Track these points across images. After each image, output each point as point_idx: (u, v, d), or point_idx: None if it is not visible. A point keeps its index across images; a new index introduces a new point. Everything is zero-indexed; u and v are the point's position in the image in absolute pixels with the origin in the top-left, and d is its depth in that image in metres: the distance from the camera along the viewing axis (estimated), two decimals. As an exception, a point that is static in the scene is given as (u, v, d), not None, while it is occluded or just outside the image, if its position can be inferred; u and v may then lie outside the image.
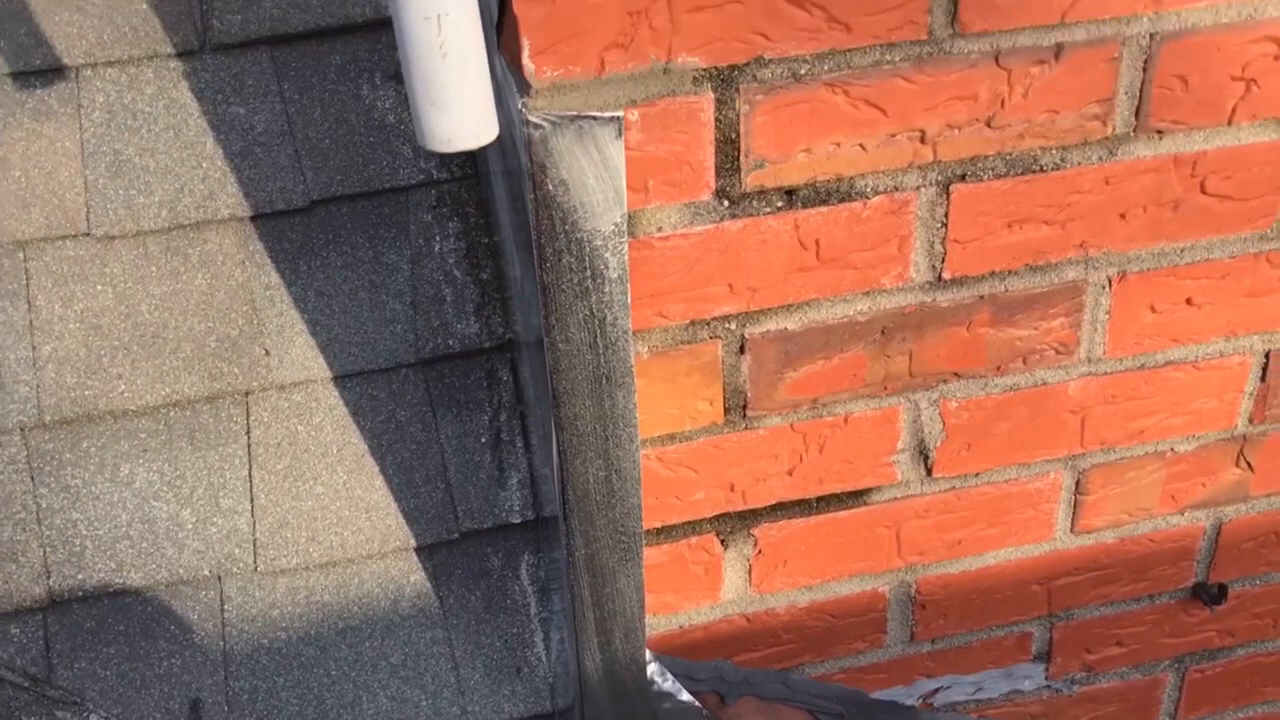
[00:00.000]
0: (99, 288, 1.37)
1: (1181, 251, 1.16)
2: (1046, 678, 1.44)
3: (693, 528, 1.21)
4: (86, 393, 1.34)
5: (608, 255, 1.00)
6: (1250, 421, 1.29)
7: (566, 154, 0.95)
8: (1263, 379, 1.26)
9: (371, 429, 1.40)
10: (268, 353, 1.38)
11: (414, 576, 1.38)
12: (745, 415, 1.16)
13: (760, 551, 1.24)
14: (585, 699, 1.24)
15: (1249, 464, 1.32)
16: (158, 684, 1.32)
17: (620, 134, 0.94)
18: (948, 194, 1.07)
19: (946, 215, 1.08)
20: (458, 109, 0.83)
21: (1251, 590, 1.44)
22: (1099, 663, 1.45)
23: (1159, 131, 1.08)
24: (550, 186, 0.96)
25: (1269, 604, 1.45)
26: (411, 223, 1.43)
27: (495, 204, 1.39)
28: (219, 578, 1.35)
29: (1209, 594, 1.39)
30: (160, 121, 1.40)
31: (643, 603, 1.19)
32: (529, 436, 1.41)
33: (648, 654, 1.25)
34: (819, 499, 1.22)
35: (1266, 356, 1.25)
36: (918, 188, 1.06)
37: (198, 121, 1.41)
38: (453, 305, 1.42)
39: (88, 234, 1.37)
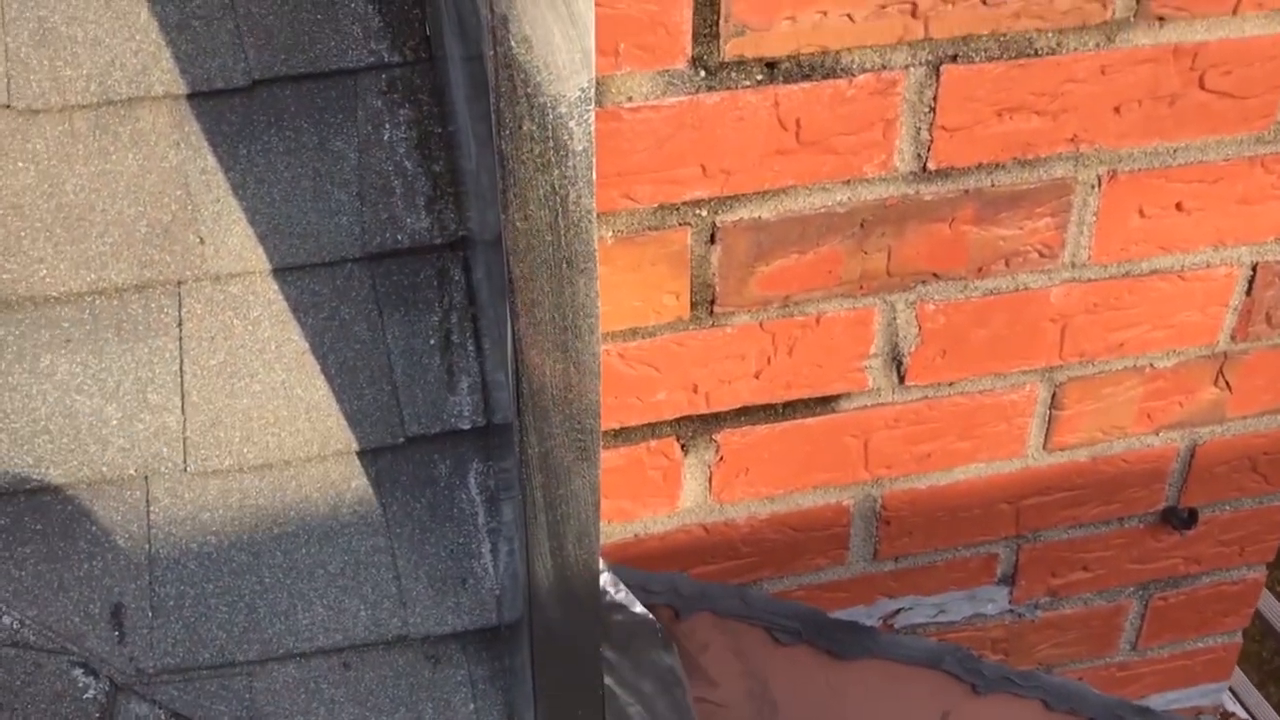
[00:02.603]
0: (20, 164, 1.27)
1: (1175, 152, 1.10)
2: (1010, 602, 1.40)
3: (652, 430, 1.15)
4: (4, 276, 1.25)
5: (572, 124, 0.93)
6: (1232, 338, 1.25)
7: (530, 6, 0.87)
8: (1248, 293, 1.22)
9: (313, 326, 1.31)
10: (202, 241, 1.29)
11: (355, 481, 1.31)
12: (712, 311, 1.09)
13: (722, 458, 1.18)
14: (534, 609, 1.18)
15: (1228, 383, 1.28)
16: (77, 587, 1.24)
17: (591, -14, 0.86)
18: (937, 75, 1.00)
19: (935, 99, 1.01)
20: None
21: (1220, 516, 1.40)
22: (1064, 587, 1.41)
23: (1160, 18, 1.02)
24: (511, 43, 0.88)
25: (1236, 531, 1.42)
26: (360, 108, 1.34)
27: (451, 92, 1.31)
28: (145, 478, 1.26)
29: (1179, 518, 1.36)
30: (89, -12, 1.30)
31: (598, 507, 1.13)
32: (481, 339, 1.34)
33: (601, 563, 1.19)
34: (785, 404, 1.17)
35: (1254, 269, 1.20)
36: (906, 67, 0.99)
37: (130, -10, 1.31)
38: (402, 198, 1.34)
39: (8, 106, 1.27)
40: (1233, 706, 2.82)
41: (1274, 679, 4.18)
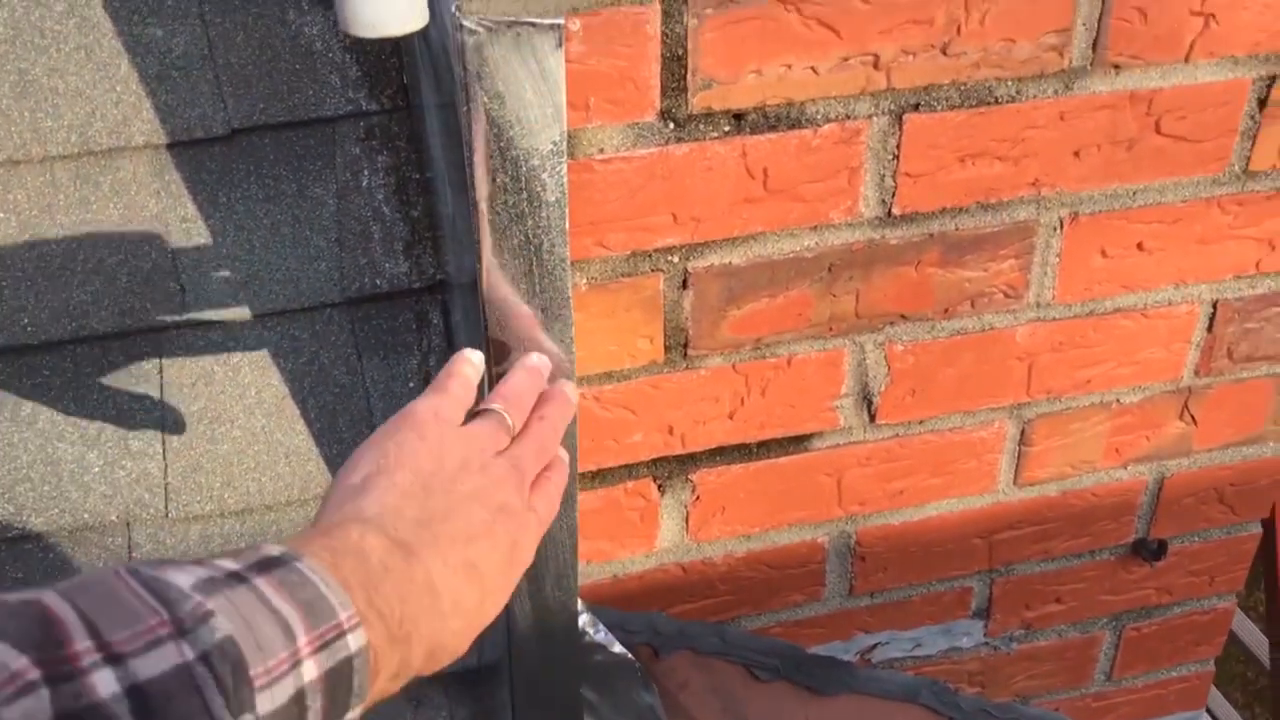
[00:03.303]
0: (1, 215, 1.29)
1: (1134, 194, 1.13)
2: (985, 635, 1.41)
3: (629, 471, 1.16)
4: (-14, 326, 1.26)
5: (545, 176, 0.95)
6: (1196, 373, 1.27)
7: (503, 63, 0.89)
8: (1210, 329, 1.24)
9: (293, 371, 1.33)
10: (183, 288, 1.31)
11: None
12: (686, 354, 1.11)
13: (698, 498, 1.20)
14: (513, 650, 1.19)
15: (1193, 417, 1.31)
16: (59, 634, 1.24)
17: (561, 43, 0.89)
18: (900, 124, 1.03)
19: (899, 147, 1.04)
20: (386, -11, 0.77)
21: (1190, 547, 1.42)
22: (1038, 620, 1.43)
23: (1116, 66, 1.05)
24: (485, 99, 0.90)
25: (1206, 561, 1.45)
26: (338, 155, 1.36)
27: (428, 139, 1.33)
28: (127, 524, 1.27)
29: (1149, 550, 1.38)
30: (71, 41, 1.32)
31: (576, 549, 1.14)
32: (459, 382, 1.35)
33: (580, 603, 1.20)
34: (759, 444, 1.18)
35: (1214, 306, 1.23)
36: (870, 116, 1.02)
37: (111, 43, 1.32)
38: (381, 243, 1.36)
39: (-11, 158, 1.29)
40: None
41: (1259, 699, 4.20)
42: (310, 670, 0.58)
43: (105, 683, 0.51)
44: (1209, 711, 2.59)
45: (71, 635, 0.51)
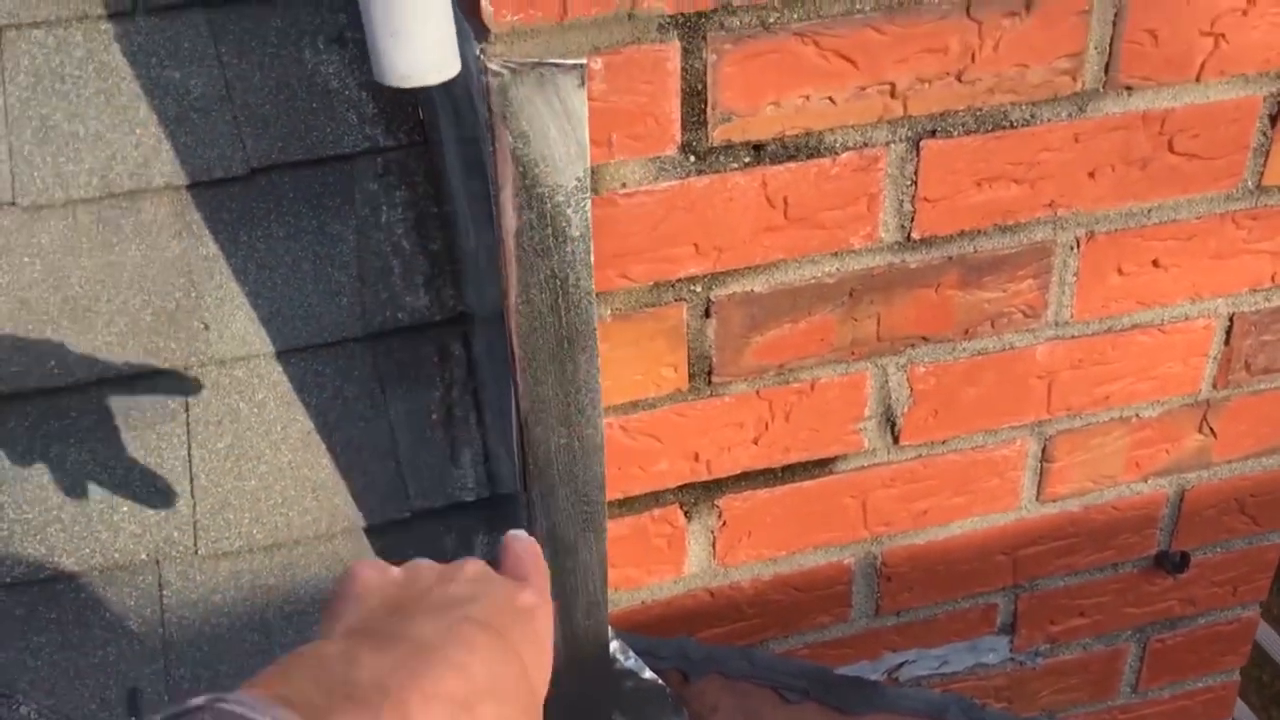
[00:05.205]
0: (26, 260, 1.30)
1: (1149, 212, 1.14)
2: (1011, 650, 1.42)
3: (655, 499, 1.17)
4: (13, 369, 1.27)
5: (570, 212, 0.96)
6: (1214, 386, 1.28)
7: (527, 104, 0.90)
8: (1226, 343, 1.25)
9: (317, 405, 1.34)
10: (207, 327, 1.32)
11: (363, 558, 1.32)
12: (710, 382, 1.12)
13: (724, 523, 1.21)
14: (546, 679, 1.20)
15: (1212, 430, 1.31)
16: (92, 674, 1.25)
17: (583, 83, 0.90)
18: (918, 150, 1.04)
19: (916, 172, 1.05)
20: (419, 39, 0.78)
21: (1212, 558, 1.43)
22: (1063, 634, 1.43)
23: (1128, 87, 1.06)
24: (510, 138, 0.92)
25: (1229, 571, 1.45)
26: (357, 192, 1.37)
27: (447, 173, 1.34)
28: (157, 562, 1.28)
29: (1172, 562, 1.38)
30: (90, 86, 1.33)
31: (605, 578, 1.15)
32: (483, 413, 1.37)
33: (609, 631, 1.21)
34: (784, 468, 1.19)
35: (1230, 320, 1.24)
36: (887, 143, 1.03)
37: (130, 86, 1.34)
38: (401, 277, 1.37)
39: (13, 204, 1.30)
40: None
41: (1276, 703, 4.19)
42: None
43: None
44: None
45: None
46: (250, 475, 1.31)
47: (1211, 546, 1.42)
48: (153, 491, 1.29)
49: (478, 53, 0.89)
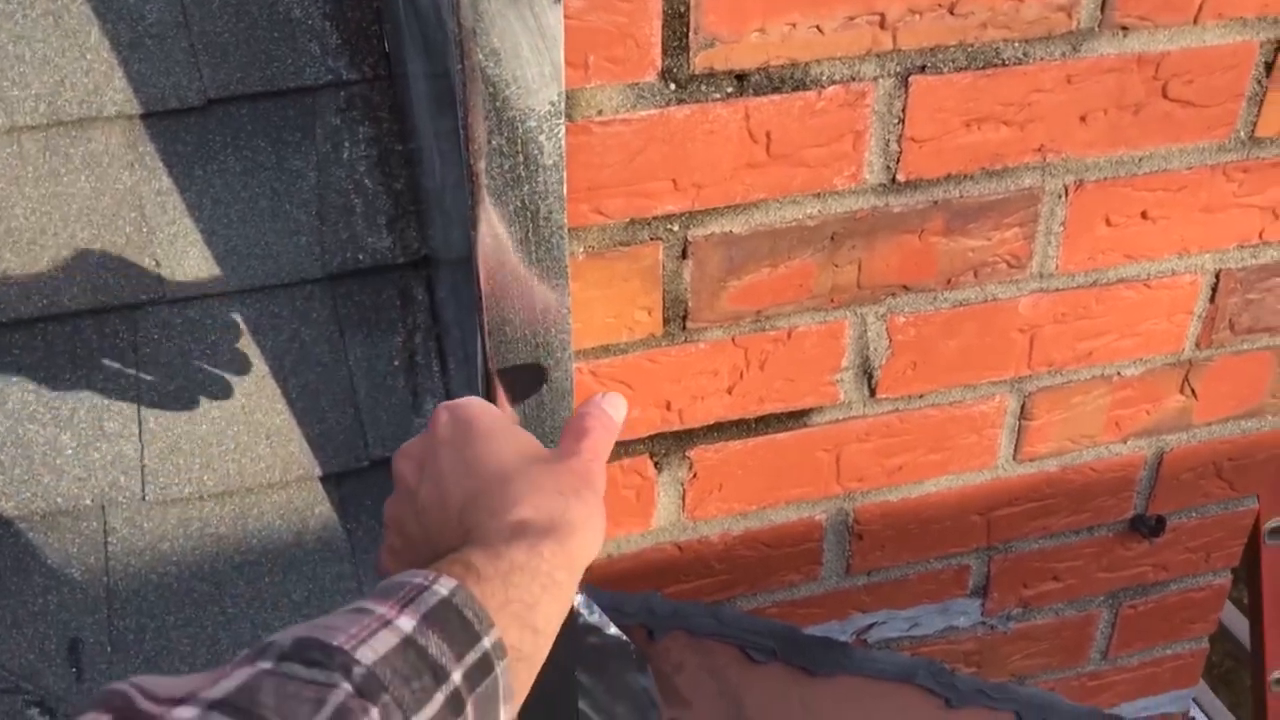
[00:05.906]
0: (-34, 188, 1.23)
1: (1140, 161, 1.11)
2: (982, 614, 1.39)
3: (625, 448, 1.13)
4: (-49, 302, 1.21)
5: (542, 139, 0.91)
6: (1197, 346, 1.25)
7: (499, 18, 0.85)
8: (1212, 300, 1.22)
9: (273, 349, 1.29)
10: (158, 264, 1.26)
11: (319, 507, 1.28)
12: (685, 327, 1.08)
13: (695, 475, 1.17)
14: (507, 633, 1.16)
15: (1193, 390, 1.29)
16: (31, 622, 1.20)
17: (560, -2, 0.85)
18: (906, 86, 1.00)
19: (904, 110, 1.01)
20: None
21: (1187, 523, 1.41)
22: (1035, 598, 1.41)
23: (1124, 28, 1.03)
24: (480, 56, 0.87)
25: (1202, 537, 1.43)
26: (318, 126, 1.32)
27: (412, 109, 1.29)
28: (102, 507, 1.23)
29: (1148, 526, 1.36)
30: (38, 7, 1.27)
31: (571, 528, 1.11)
32: (445, 359, 1.32)
33: (575, 585, 1.17)
34: (758, 419, 1.15)
35: (1217, 276, 1.21)
36: (875, 78, 0.99)
37: (81, 8, 1.27)
38: (363, 217, 1.31)
39: (-47, 128, 1.24)
40: (1193, 712, 2.84)
41: (1224, 683, 4.22)
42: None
43: None
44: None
45: None
46: (202, 419, 1.26)
47: (1187, 511, 1.40)
48: (99, 434, 1.23)
49: (448, -38, 0.84)
